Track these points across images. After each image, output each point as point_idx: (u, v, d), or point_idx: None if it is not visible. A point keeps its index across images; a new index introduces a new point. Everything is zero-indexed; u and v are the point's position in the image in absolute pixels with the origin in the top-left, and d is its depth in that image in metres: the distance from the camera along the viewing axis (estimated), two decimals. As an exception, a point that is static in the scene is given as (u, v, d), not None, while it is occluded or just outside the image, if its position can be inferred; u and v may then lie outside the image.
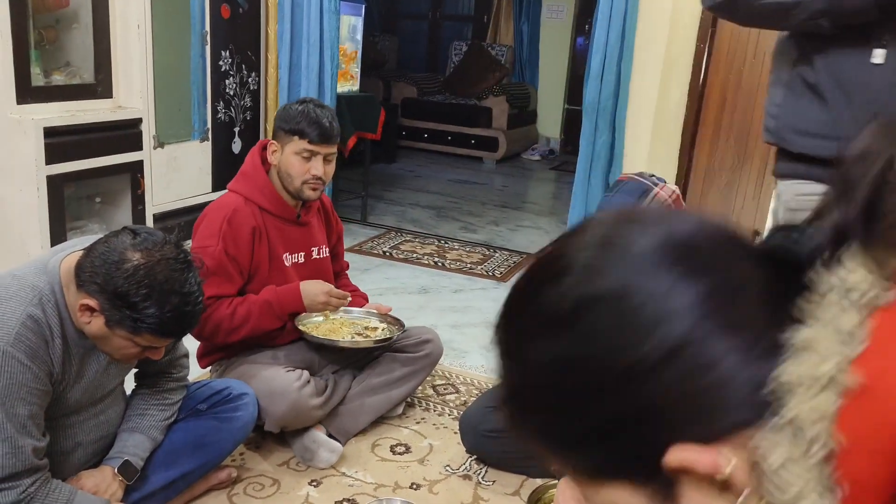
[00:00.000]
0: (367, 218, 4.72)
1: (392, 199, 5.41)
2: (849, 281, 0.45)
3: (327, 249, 2.30)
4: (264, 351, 2.14)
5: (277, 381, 1.98)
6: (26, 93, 2.81)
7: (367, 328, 2.24)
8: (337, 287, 2.36)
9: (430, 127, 7.34)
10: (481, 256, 4.15)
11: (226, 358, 2.15)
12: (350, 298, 2.22)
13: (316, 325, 2.18)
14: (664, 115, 3.62)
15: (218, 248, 1.99)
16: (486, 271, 3.89)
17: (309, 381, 2.02)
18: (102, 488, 1.59)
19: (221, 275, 2.00)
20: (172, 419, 1.78)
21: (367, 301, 2.42)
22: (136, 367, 1.76)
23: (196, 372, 2.28)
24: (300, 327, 2.12)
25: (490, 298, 3.51)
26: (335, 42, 3.84)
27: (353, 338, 2.17)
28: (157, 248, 1.41)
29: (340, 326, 2.21)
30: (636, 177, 1.80)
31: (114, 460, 1.64)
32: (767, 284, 0.45)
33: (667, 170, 3.89)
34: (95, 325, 1.43)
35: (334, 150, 2.09)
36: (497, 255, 4.20)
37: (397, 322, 2.27)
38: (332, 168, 2.11)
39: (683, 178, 3.99)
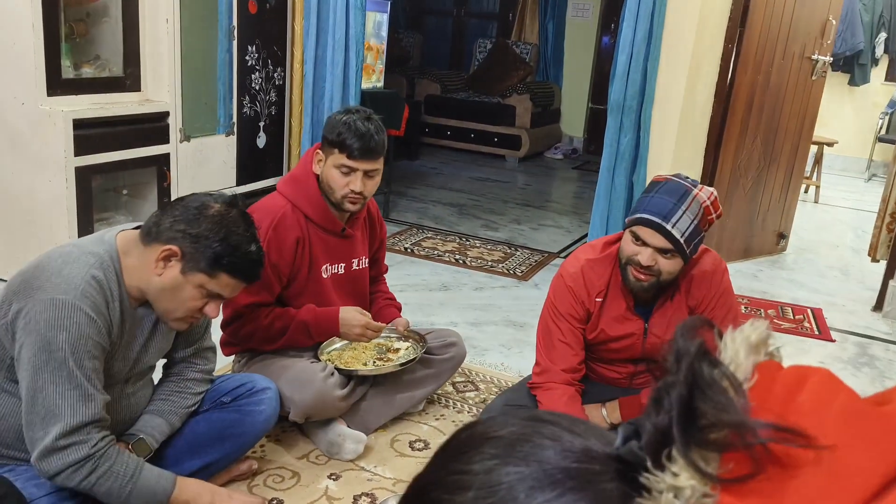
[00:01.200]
0: (388, 214, 4.73)
1: (414, 196, 5.41)
2: (676, 483, 0.45)
3: (367, 260, 2.30)
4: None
5: (304, 371, 2.00)
6: (56, 85, 2.85)
7: (388, 350, 2.24)
8: (373, 293, 2.37)
9: (453, 124, 7.33)
10: (503, 254, 4.14)
11: (249, 350, 2.17)
12: (386, 327, 2.21)
13: (339, 353, 2.19)
14: (690, 115, 3.59)
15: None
16: (508, 269, 3.88)
17: (333, 373, 2.03)
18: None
19: (260, 281, 2.01)
20: (193, 408, 1.80)
21: (400, 311, 2.41)
22: (164, 357, 1.78)
23: (220, 361, 2.30)
24: (322, 358, 2.12)
25: (511, 297, 3.51)
26: (360, 38, 3.84)
27: (374, 362, 2.17)
28: (231, 203, 1.57)
29: (363, 351, 2.21)
30: (674, 178, 1.78)
31: (129, 436, 1.66)
32: (623, 495, 0.46)
33: (692, 170, 3.86)
34: (169, 274, 1.50)
35: (377, 165, 2.02)
36: (518, 253, 4.19)
37: (419, 338, 2.26)
38: (374, 183, 2.05)
39: (709, 179, 3.95)
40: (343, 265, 2.20)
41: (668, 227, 1.70)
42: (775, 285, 3.99)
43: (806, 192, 6.39)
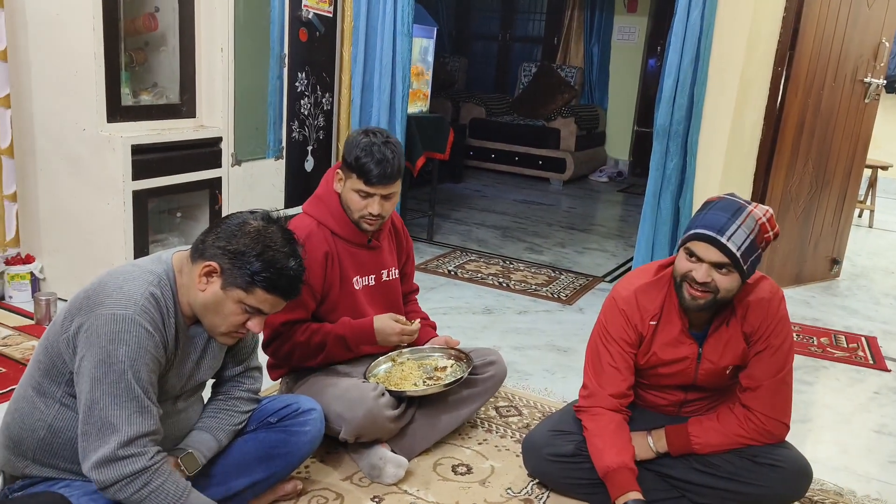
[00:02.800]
0: (433, 237, 4.77)
1: (458, 219, 5.45)
2: None
3: (397, 271, 2.33)
4: (333, 365, 2.18)
5: (355, 390, 2.02)
6: (116, 112, 2.96)
7: (435, 369, 2.25)
8: (406, 313, 2.40)
9: (498, 147, 7.37)
10: (546, 278, 4.13)
11: (295, 371, 2.21)
12: (419, 329, 2.22)
13: (386, 375, 2.21)
14: (738, 140, 3.54)
15: None
16: (552, 293, 3.87)
17: (384, 393, 2.05)
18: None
19: (295, 300, 2.05)
20: (240, 427, 1.83)
21: (436, 329, 2.43)
22: (213, 378, 1.83)
23: (267, 384, 2.34)
24: (371, 380, 2.14)
25: (555, 321, 3.49)
26: (407, 64, 3.91)
27: (423, 382, 2.18)
28: (271, 220, 1.61)
29: (410, 372, 2.22)
30: (727, 196, 1.77)
31: (178, 451, 1.70)
32: None
33: (741, 194, 3.78)
34: (211, 290, 1.55)
35: (395, 189, 2.08)
36: (563, 277, 4.18)
37: (465, 357, 2.27)
38: (391, 204, 2.10)
39: (759, 203, 3.88)
40: (373, 276, 2.23)
41: (723, 239, 1.68)
42: (828, 312, 3.89)
43: (860, 216, 6.23)
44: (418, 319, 2.22)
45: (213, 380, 1.85)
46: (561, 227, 5.47)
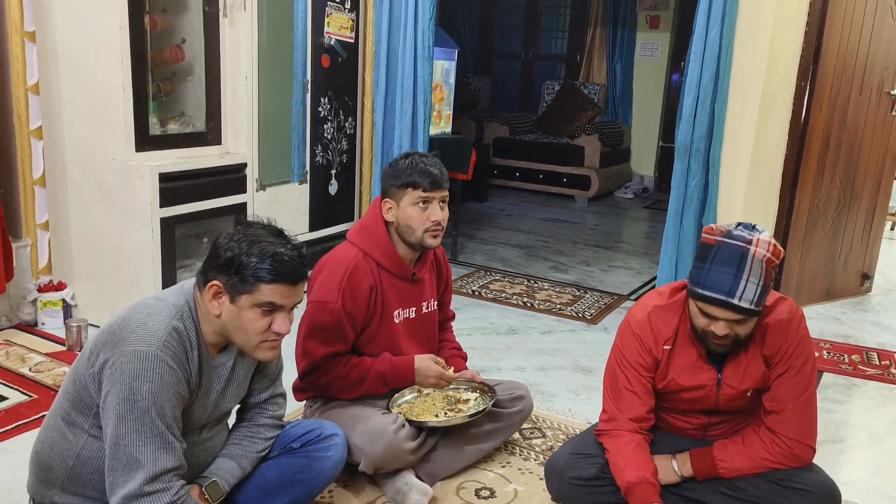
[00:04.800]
0: (456, 257, 4.78)
1: (482, 238, 5.46)
2: None
3: (436, 303, 2.35)
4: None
5: (374, 423, 2.03)
6: (144, 141, 3.03)
7: (458, 401, 2.26)
8: (440, 341, 2.41)
9: (522, 166, 7.38)
10: (571, 297, 4.11)
11: (321, 396, 2.22)
12: (459, 377, 2.24)
13: (410, 406, 2.22)
14: (762, 156, 3.51)
15: (337, 305, 2.04)
16: (577, 313, 3.85)
17: (404, 425, 2.06)
18: None
19: (336, 331, 2.06)
20: (264, 453, 1.85)
21: (466, 361, 2.43)
22: (239, 404, 1.85)
23: (291, 406, 2.36)
24: (394, 410, 2.15)
25: (580, 340, 3.47)
26: (428, 87, 3.95)
27: (445, 414, 2.19)
28: (251, 224, 1.63)
29: (433, 403, 2.23)
30: (725, 239, 1.70)
31: (202, 479, 1.72)
32: None
33: (767, 211, 3.77)
34: (225, 309, 1.57)
35: (447, 194, 2.13)
36: (588, 296, 4.16)
37: (489, 390, 2.27)
38: (447, 212, 2.14)
39: (785, 220, 3.85)
40: (414, 309, 2.24)
41: (736, 301, 1.66)
42: (859, 329, 3.82)
43: (892, 229, 6.12)
44: (452, 369, 2.22)
45: (238, 405, 1.88)
46: (586, 245, 5.45)
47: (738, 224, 1.73)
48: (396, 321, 2.19)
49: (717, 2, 3.06)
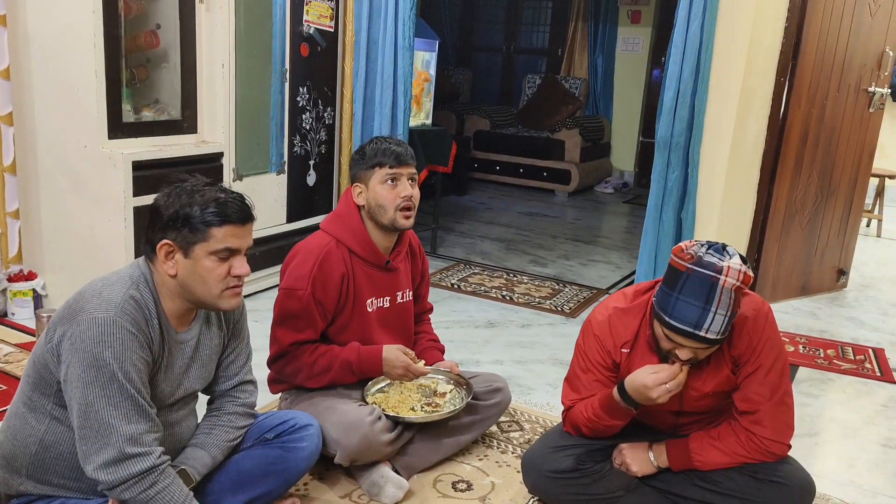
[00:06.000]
0: (436, 250, 4.76)
1: (462, 232, 5.44)
2: None
3: (411, 293, 2.32)
4: (335, 387, 2.17)
5: (350, 415, 2.00)
6: (117, 128, 2.97)
7: (435, 393, 2.23)
8: (417, 333, 2.39)
9: (502, 159, 7.37)
10: (550, 291, 4.11)
11: (296, 388, 2.19)
12: (427, 371, 2.21)
13: (385, 396, 2.19)
14: (741, 150, 3.53)
15: (307, 292, 2.03)
16: (555, 306, 3.85)
17: (381, 417, 2.03)
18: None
19: (305, 319, 2.04)
20: (236, 442, 1.82)
21: (443, 354, 2.41)
22: (207, 393, 1.81)
23: (266, 399, 2.33)
24: (369, 400, 2.13)
25: (558, 334, 3.47)
26: (409, 77, 3.92)
27: (422, 407, 2.17)
28: (178, 181, 1.61)
29: (409, 394, 2.21)
30: (695, 267, 1.64)
31: (171, 467, 1.68)
32: None
33: (745, 205, 3.79)
34: (180, 266, 1.55)
35: (414, 171, 2.12)
36: (567, 289, 4.16)
37: (465, 384, 2.25)
38: (417, 191, 2.13)
39: (763, 214, 3.87)
40: (388, 298, 2.22)
41: (702, 333, 1.65)
42: (835, 324, 3.86)
43: (868, 226, 6.19)
44: (423, 362, 2.20)
45: (208, 396, 1.84)
46: (566, 239, 5.45)
47: (709, 246, 1.67)
48: (369, 310, 2.17)
49: (697, -5, 3.06)
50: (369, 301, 2.17)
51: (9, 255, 3.22)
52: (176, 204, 1.53)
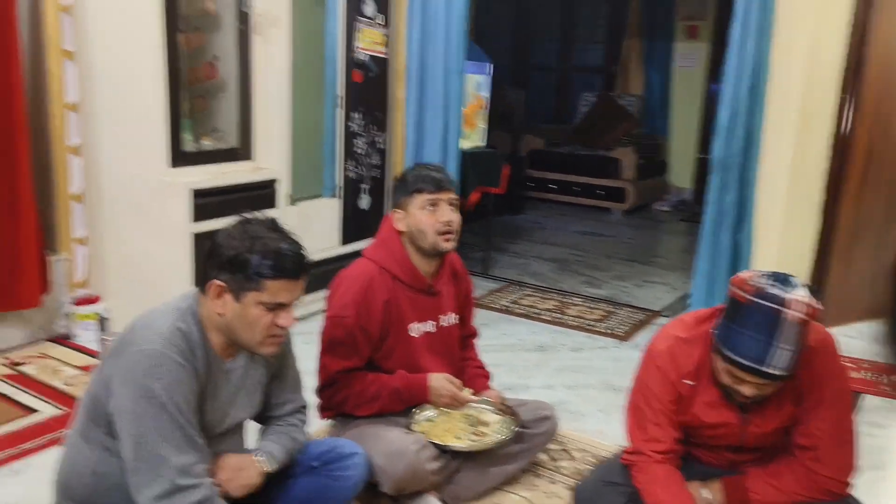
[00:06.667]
0: (489, 271, 4.75)
1: (515, 252, 5.42)
2: None
3: (456, 316, 2.33)
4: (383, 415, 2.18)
5: (396, 443, 2.01)
6: (178, 158, 3.08)
7: (480, 422, 2.22)
8: (463, 360, 2.38)
9: (557, 178, 7.34)
10: (604, 313, 4.05)
11: (344, 415, 2.21)
12: (474, 400, 2.21)
13: (431, 425, 2.19)
14: (801, 170, 3.41)
15: (352, 319, 2.05)
16: (608, 329, 3.79)
17: (426, 446, 2.03)
18: (245, 464, 1.68)
19: (351, 346, 2.07)
20: (296, 451, 1.84)
21: (489, 380, 2.40)
22: (258, 421, 1.84)
23: (316, 424, 2.35)
24: (415, 429, 2.13)
25: (611, 358, 3.41)
26: (459, 101, 3.95)
27: (468, 435, 2.15)
28: (247, 220, 1.63)
29: (455, 423, 2.20)
30: (758, 299, 1.57)
31: (253, 450, 1.74)
32: None
33: (807, 226, 3.66)
34: (229, 308, 1.57)
35: (454, 196, 2.14)
36: (621, 312, 4.09)
37: (512, 412, 2.23)
38: (458, 217, 2.14)
39: (827, 236, 3.73)
40: (433, 322, 2.23)
41: (766, 369, 1.58)
42: (905, 349, 3.68)
43: (942, 243, 5.90)
44: (469, 390, 2.19)
45: (259, 424, 1.87)
46: (620, 260, 5.37)
47: (772, 277, 1.61)
48: (414, 335, 2.18)
49: (753, 13, 2.99)
50: (414, 326, 2.18)
51: (75, 279, 3.35)
52: (236, 247, 1.55)
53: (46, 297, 3.20)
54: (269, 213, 3.33)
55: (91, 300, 3.31)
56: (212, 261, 1.59)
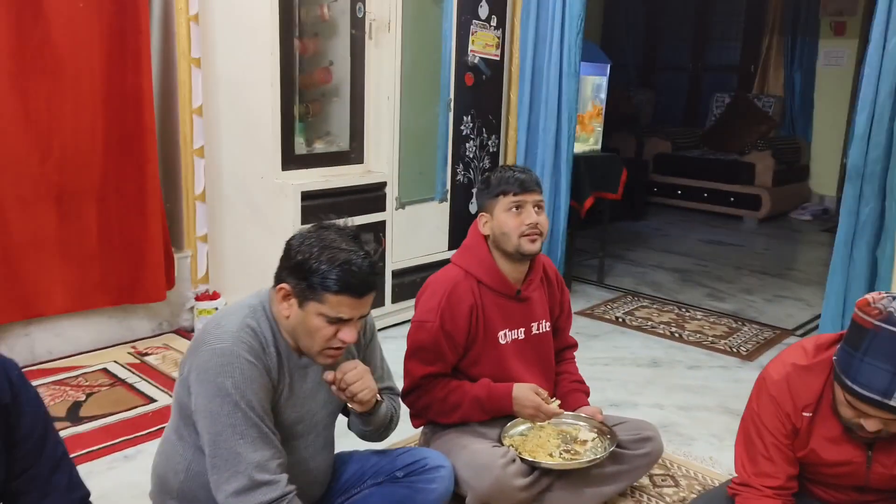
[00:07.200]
0: (603, 279, 4.58)
1: (633, 260, 5.19)
2: None
3: (548, 324, 2.24)
4: (472, 425, 2.12)
5: (482, 456, 1.95)
6: (290, 160, 3.17)
7: (575, 440, 2.11)
8: (559, 373, 2.29)
9: (684, 183, 6.99)
10: (727, 329, 3.79)
11: (433, 423, 2.18)
12: (562, 413, 2.11)
13: (523, 439, 2.11)
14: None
15: (435, 324, 2.02)
16: (730, 347, 3.54)
17: (515, 460, 1.96)
18: (363, 372, 1.65)
19: (434, 352, 2.03)
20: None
21: (588, 396, 2.29)
22: (343, 414, 1.82)
23: (408, 432, 2.34)
24: (506, 442, 2.06)
25: (731, 379, 3.18)
26: (573, 104, 3.82)
27: (560, 453, 2.06)
28: (329, 226, 1.58)
29: (548, 439, 2.11)
30: (884, 325, 1.41)
31: None
32: None
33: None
34: (293, 312, 1.55)
35: (540, 197, 2.07)
36: (745, 328, 3.82)
37: (609, 432, 2.11)
38: (545, 218, 2.07)
39: None
40: (522, 329, 2.15)
41: (894, 403, 1.41)
42: None
43: None
44: (557, 402, 2.09)
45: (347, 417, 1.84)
46: (751, 272, 5.02)
47: None
48: (503, 342, 2.11)
49: (898, 8, 2.69)
50: (502, 333, 2.11)
51: (198, 275, 3.53)
52: (306, 252, 1.51)
53: (171, 292, 3.39)
54: (378, 216, 3.42)
55: (212, 296, 3.47)
56: (283, 262, 1.57)
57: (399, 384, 2.02)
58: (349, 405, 1.71)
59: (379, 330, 3.54)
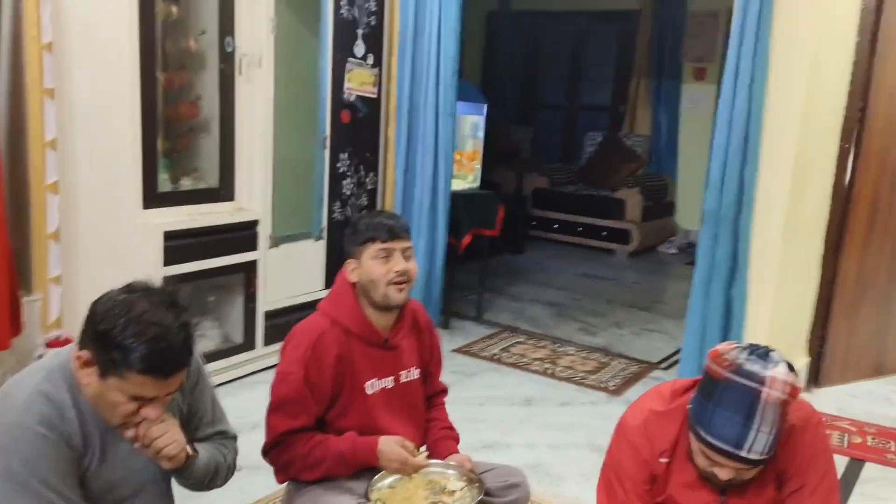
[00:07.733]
0: (482, 315, 4.63)
1: (512, 295, 5.28)
2: None
3: (418, 371, 2.20)
4: (339, 479, 2.05)
5: None
6: (152, 198, 3.01)
7: (444, 490, 2.08)
8: (429, 420, 2.25)
9: (561, 218, 7.23)
10: (597, 364, 3.91)
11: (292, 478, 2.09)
12: (429, 464, 2.07)
13: (391, 492, 2.05)
14: (798, 222, 3.28)
15: (299, 375, 1.93)
16: (599, 382, 3.64)
17: None
18: (177, 431, 1.50)
19: (298, 405, 1.95)
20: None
21: (457, 442, 2.26)
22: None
23: (273, 488, 2.24)
24: (373, 496, 1.99)
25: (599, 415, 3.26)
26: (450, 143, 3.87)
27: None
28: (142, 288, 1.42)
29: (416, 490, 2.06)
30: (734, 376, 1.45)
31: None
32: None
33: (807, 280, 3.53)
34: (93, 381, 1.38)
35: (409, 244, 2.03)
36: (614, 363, 3.94)
37: (478, 480, 2.09)
38: (414, 265, 2.02)
39: (828, 288, 3.59)
40: (391, 378, 2.10)
41: (743, 454, 1.46)
42: (912, 410, 3.50)
43: (956, 294, 5.71)
44: (424, 454, 2.06)
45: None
46: (621, 305, 5.22)
47: (751, 351, 1.49)
48: (370, 391, 2.05)
49: (744, 65, 2.89)
50: (370, 383, 2.05)
51: (48, 320, 3.27)
52: (110, 322, 1.34)
53: (18, 339, 3.11)
54: (249, 255, 3.30)
55: (64, 342, 3.22)
56: (85, 327, 1.40)
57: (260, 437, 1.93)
58: (155, 463, 1.53)
59: (250, 374, 3.48)
